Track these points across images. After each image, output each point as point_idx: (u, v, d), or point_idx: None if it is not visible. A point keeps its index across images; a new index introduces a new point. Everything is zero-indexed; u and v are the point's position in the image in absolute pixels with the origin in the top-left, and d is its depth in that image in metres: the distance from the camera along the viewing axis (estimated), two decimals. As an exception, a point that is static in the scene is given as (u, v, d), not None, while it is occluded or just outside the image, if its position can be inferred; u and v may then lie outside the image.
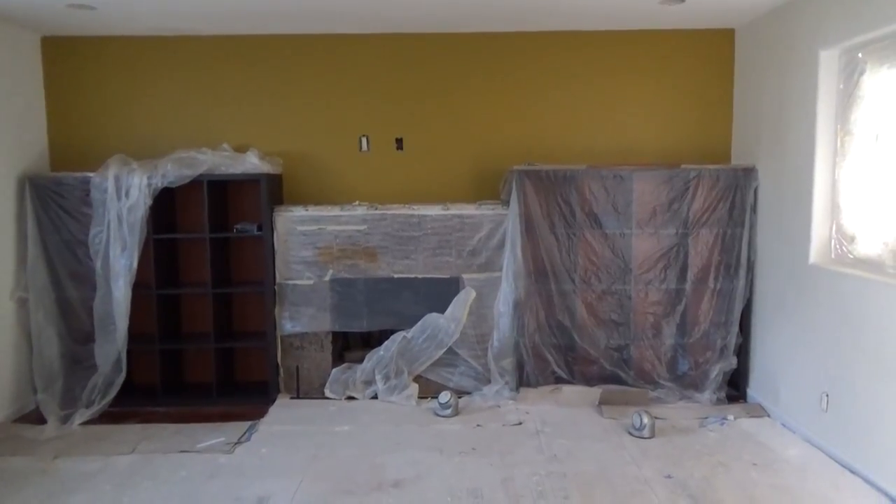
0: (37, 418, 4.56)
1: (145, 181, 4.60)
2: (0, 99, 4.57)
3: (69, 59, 5.08)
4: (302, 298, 4.90)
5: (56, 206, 4.71)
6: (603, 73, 5.15)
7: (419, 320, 4.89)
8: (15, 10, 4.39)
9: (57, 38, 5.04)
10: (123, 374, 4.64)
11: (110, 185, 4.59)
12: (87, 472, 3.75)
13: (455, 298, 4.87)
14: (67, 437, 4.26)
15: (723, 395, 4.78)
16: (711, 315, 4.82)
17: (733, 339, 4.80)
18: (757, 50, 4.78)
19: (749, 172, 4.75)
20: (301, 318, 4.91)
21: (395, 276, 4.91)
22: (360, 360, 5.01)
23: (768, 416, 4.53)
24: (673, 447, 4.03)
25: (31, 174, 4.77)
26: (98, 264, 4.61)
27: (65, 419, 4.47)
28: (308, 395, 4.95)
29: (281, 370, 4.96)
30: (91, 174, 4.65)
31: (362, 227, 4.88)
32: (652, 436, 4.16)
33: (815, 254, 4.08)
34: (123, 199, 4.60)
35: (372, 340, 5.25)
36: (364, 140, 5.20)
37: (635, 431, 4.20)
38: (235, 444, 4.13)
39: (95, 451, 4.03)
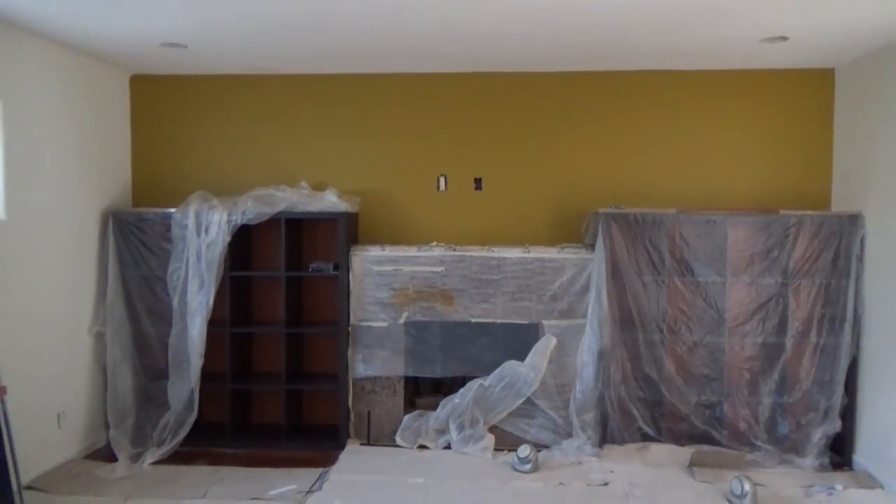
0: (107, 455, 4.50)
1: (225, 218, 4.57)
2: (89, 136, 4.64)
3: (155, 97, 5.17)
4: (376, 341, 4.75)
5: (137, 241, 4.72)
6: (691, 113, 4.94)
7: (495, 367, 4.67)
8: (109, 51, 4.49)
9: (145, 76, 5.14)
10: (195, 414, 4.55)
11: (191, 221, 4.58)
12: (159, 517, 3.64)
13: (535, 346, 4.64)
14: (138, 478, 4.17)
15: (826, 461, 4.39)
16: (814, 373, 4.46)
17: (838, 400, 4.42)
18: (862, 90, 4.50)
19: (855, 220, 4.43)
20: (374, 361, 4.75)
21: (473, 320, 4.72)
22: (432, 407, 4.81)
23: (881, 487, 4.11)
24: (780, 519, 3.68)
25: (114, 209, 4.81)
26: (175, 300, 4.58)
27: (135, 458, 4.39)
28: (378, 442, 4.76)
29: (352, 415, 4.80)
30: (172, 210, 4.66)
31: (439, 269, 4.73)
32: (755, 505, 3.81)
33: (939, 310, 3.73)
34: (203, 235, 4.57)
35: (443, 387, 5.07)
36: (442, 179, 5.09)
37: (736, 499, 3.84)
38: (307, 492, 3.96)
39: (167, 494, 3.92)
